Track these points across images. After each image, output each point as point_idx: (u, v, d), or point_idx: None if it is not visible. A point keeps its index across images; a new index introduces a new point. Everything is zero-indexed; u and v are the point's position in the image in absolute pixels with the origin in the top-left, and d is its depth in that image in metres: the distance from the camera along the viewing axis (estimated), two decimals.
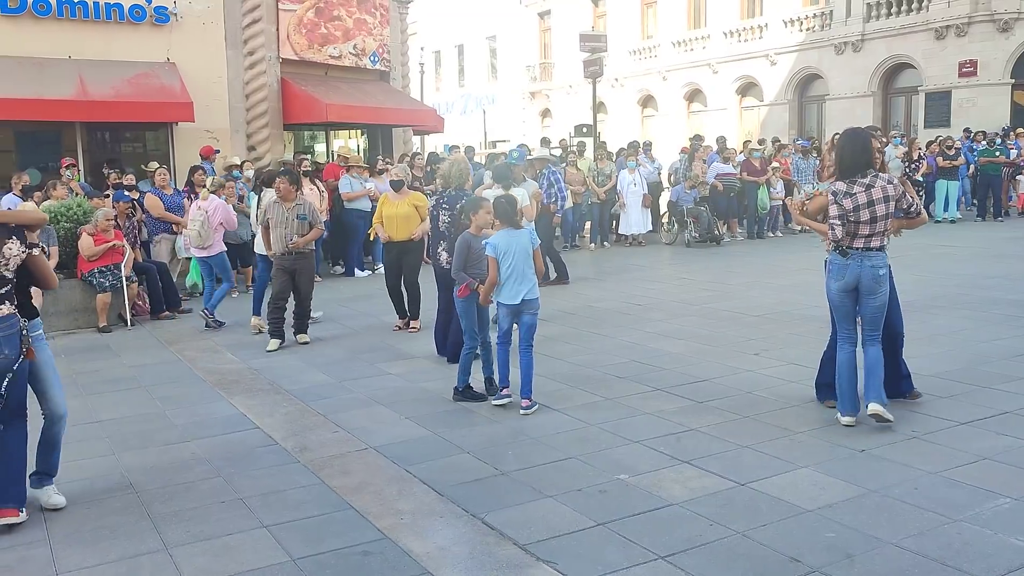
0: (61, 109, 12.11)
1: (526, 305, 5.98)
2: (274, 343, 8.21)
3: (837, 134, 5.65)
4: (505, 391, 6.06)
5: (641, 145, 17.40)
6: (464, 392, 6.26)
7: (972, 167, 18.05)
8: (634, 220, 15.59)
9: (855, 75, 25.36)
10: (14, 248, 4.20)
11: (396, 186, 9.07)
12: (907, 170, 17.34)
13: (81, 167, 12.90)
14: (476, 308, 6.30)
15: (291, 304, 8.50)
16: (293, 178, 8.60)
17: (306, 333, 8.51)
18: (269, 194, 8.99)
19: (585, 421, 5.66)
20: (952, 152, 17.15)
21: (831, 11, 25.93)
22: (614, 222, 16.19)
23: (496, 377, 6.23)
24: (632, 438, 5.28)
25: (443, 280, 7.33)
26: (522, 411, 5.86)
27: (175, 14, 13.48)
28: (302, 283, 8.48)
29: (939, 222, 17.06)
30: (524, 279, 5.94)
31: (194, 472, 5.01)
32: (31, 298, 4.46)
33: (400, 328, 8.86)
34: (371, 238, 11.58)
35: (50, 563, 3.89)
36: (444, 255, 7.34)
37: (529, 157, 12.20)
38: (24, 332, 4.26)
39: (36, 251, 4.33)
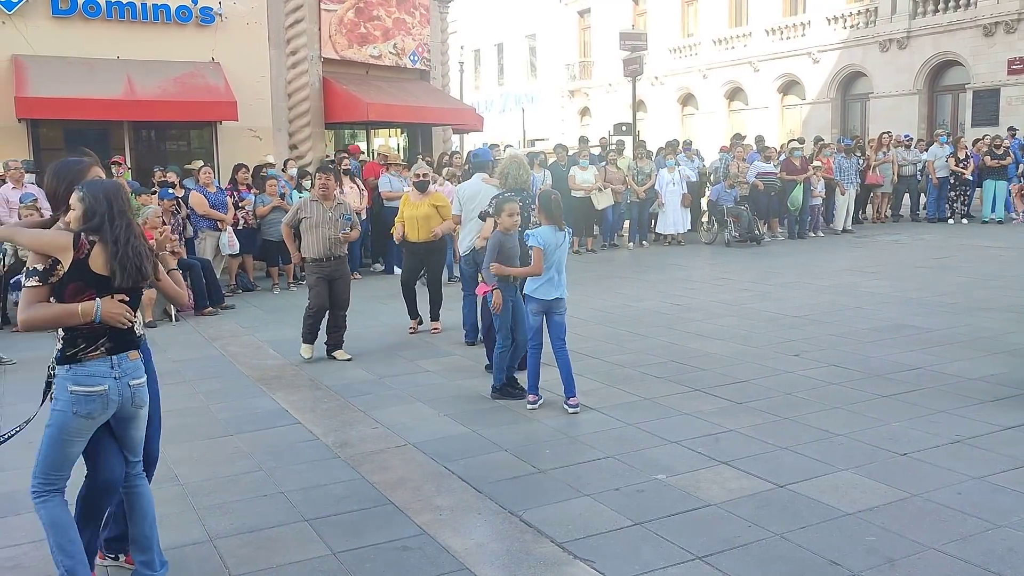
0: (110, 108, 12.35)
1: (556, 304, 5.97)
2: (307, 348, 7.69)
3: None
4: (532, 397, 6.02)
5: (681, 144, 17.30)
6: (503, 390, 6.28)
7: (1022, 166, 17.68)
8: (672, 219, 15.52)
9: (900, 73, 24.96)
10: None
11: (421, 186, 8.65)
12: (954, 169, 17.08)
13: (128, 165, 13.15)
14: (511, 306, 6.30)
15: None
16: (336, 174, 8.29)
17: (343, 348, 7.78)
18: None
19: (623, 421, 5.66)
20: (1000, 151, 16.80)
21: (876, 8, 25.54)
22: (653, 221, 16.13)
23: (525, 383, 6.19)
24: (670, 438, 5.28)
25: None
26: (571, 410, 5.87)
27: (220, 15, 13.68)
28: (342, 291, 7.75)
29: (986, 222, 16.75)
30: (561, 277, 5.95)
31: (237, 465, 5.11)
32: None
33: (414, 330, 8.74)
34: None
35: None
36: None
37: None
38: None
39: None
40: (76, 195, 3.32)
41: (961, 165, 17.03)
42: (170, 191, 11.02)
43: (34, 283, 3.27)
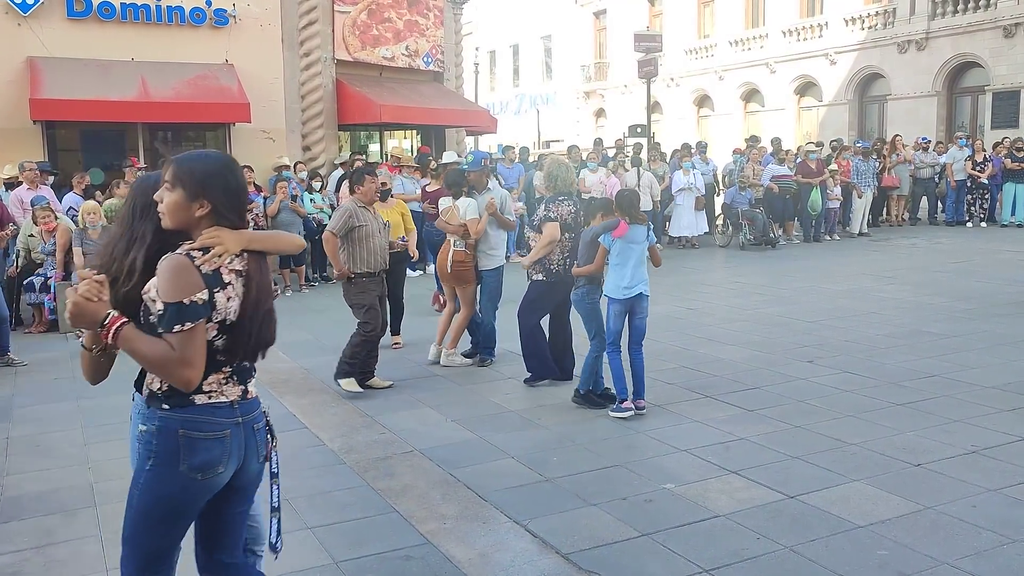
0: (124, 110, 12.40)
1: (638, 301, 5.85)
2: (350, 382, 6.64)
3: None
4: (626, 404, 5.81)
5: (695, 146, 17.19)
6: (586, 396, 6.10)
7: None
8: (686, 222, 15.42)
9: (919, 74, 24.73)
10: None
11: (383, 194, 8.05)
12: (971, 173, 16.89)
13: (143, 166, 13.20)
14: (595, 307, 6.08)
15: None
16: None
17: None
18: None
19: (632, 428, 5.59)
20: (1021, 154, 16.59)
21: (894, 9, 25.32)
22: (667, 224, 16.04)
23: (610, 388, 6.04)
24: (679, 446, 5.21)
25: (560, 291, 6.52)
26: (636, 412, 5.79)
27: (234, 16, 13.71)
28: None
29: (1005, 226, 16.57)
30: (637, 272, 5.83)
31: None
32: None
33: (399, 345, 8.28)
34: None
35: (101, 558, 3.96)
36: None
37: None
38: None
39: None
40: None
41: (979, 168, 16.84)
42: None
43: None
